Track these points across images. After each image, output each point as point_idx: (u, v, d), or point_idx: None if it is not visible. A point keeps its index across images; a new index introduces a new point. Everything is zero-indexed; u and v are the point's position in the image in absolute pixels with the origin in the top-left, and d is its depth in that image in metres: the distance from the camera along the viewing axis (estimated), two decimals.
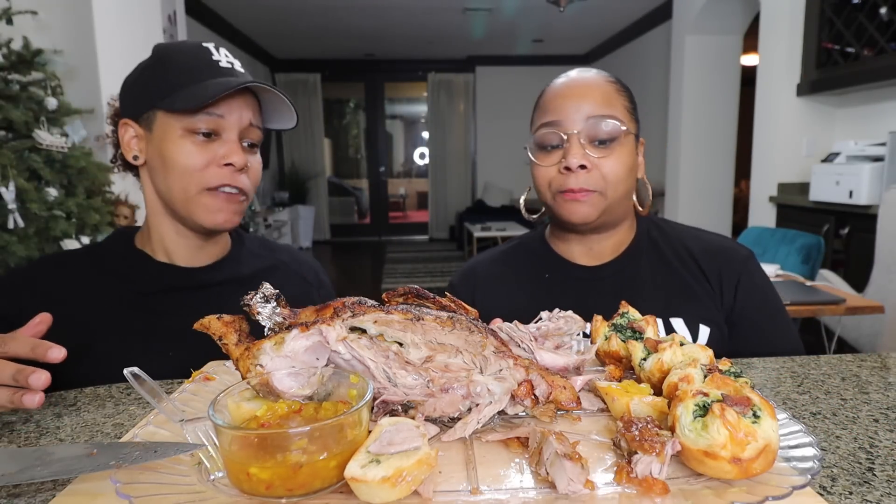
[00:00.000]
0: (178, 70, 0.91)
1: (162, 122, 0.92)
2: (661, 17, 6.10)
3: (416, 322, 0.56)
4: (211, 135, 0.92)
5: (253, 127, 0.96)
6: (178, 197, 0.93)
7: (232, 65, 0.96)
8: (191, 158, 0.91)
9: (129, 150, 0.97)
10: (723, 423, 0.44)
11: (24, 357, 0.69)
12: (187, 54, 0.93)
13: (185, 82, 0.90)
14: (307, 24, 6.89)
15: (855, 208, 3.08)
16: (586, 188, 0.93)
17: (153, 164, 0.95)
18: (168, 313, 0.96)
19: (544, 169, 0.97)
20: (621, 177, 0.94)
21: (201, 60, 0.93)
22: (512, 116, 9.03)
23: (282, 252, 1.17)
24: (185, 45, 0.96)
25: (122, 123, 0.96)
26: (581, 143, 0.93)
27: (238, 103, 0.93)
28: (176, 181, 0.93)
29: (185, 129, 0.91)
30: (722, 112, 5.24)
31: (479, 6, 6.24)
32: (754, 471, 0.44)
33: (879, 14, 3.09)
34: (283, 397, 0.54)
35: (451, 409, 0.57)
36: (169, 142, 0.91)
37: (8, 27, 2.21)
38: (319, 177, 9.24)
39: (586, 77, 0.98)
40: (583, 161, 0.92)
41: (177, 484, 0.47)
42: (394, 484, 0.43)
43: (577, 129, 0.93)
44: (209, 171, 0.92)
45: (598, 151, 0.93)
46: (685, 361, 0.59)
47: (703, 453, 0.44)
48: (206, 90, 0.88)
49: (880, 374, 0.76)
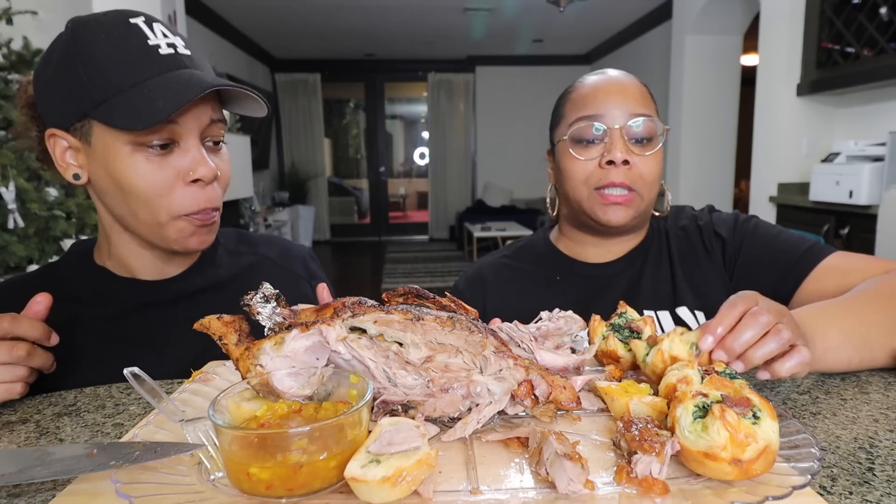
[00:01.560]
0: (109, 66, 0.73)
1: (102, 135, 0.75)
2: (661, 17, 6.10)
3: (416, 322, 0.56)
4: (167, 145, 0.77)
5: (216, 123, 0.81)
6: (143, 223, 0.80)
7: (174, 48, 0.77)
8: (150, 180, 0.76)
9: (66, 167, 0.80)
10: (723, 424, 0.44)
11: (32, 339, 0.71)
12: (115, 40, 0.74)
13: (122, 83, 0.73)
14: (307, 24, 6.89)
15: (855, 208, 3.07)
16: (626, 183, 0.92)
17: (103, 186, 0.79)
18: (141, 334, 0.86)
19: (582, 163, 0.95)
20: (655, 178, 0.95)
21: (135, 49, 0.74)
22: (512, 116, 9.03)
23: (264, 245, 1.03)
24: (110, 26, 0.75)
25: (48, 134, 0.79)
26: (624, 138, 0.93)
27: (194, 103, 0.77)
28: (140, 208, 0.78)
29: (133, 142, 0.75)
30: (722, 112, 5.23)
31: (479, 6, 6.24)
32: (754, 472, 0.44)
33: (879, 14, 3.09)
34: (283, 397, 0.54)
35: (451, 409, 0.57)
36: (117, 160, 0.75)
37: (8, 27, 2.21)
38: (319, 177, 9.24)
39: (623, 76, 0.99)
40: (627, 156, 0.92)
41: (177, 484, 0.47)
42: (394, 484, 0.43)
43: (618, 124, 0.93)
44: (177, 193, 0.78)
45: (638, 149, 0.93)
46: (685, 346, 0.59)
47: (702, 454, 0.44)
48: (152, 102, 0.71)
49: (880, 375, 0.76)
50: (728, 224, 1.02)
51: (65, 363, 0.78)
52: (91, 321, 0.85)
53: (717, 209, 1.08)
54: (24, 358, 0.71)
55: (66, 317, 0.80)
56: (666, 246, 1.03)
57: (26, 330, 0.72)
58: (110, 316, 0.86)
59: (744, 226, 1.01)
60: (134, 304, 0.87)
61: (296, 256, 1.05)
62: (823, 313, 0.74)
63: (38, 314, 0.74)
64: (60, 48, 0.76)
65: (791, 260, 0.93)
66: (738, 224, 1.01)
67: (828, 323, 0.73)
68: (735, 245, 0.99)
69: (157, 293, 0.89)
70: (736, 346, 0.58)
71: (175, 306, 0.89)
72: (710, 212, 1.07)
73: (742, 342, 0.58)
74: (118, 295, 0.87)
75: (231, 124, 5.41)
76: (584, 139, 0.95)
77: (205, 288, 0.92)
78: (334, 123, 10.23)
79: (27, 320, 0.72)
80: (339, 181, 10.24)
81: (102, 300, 0.87)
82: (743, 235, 0.99)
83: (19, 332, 0.71)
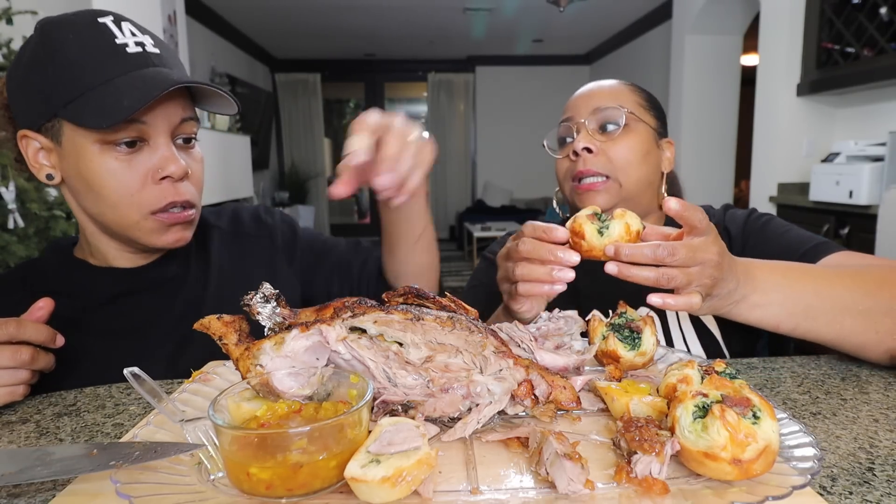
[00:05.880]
0: (76, 65, 0.74)
1: (71, 135, 0.76)
2: (661, 17, 6.10)
3: (416, 322, 0.56)
4: (136, 143, 0.77)
5: (187, 121, 0.81)
6: (117, 223, 0.81)
7: (143, 46, 0.78)
8: (119, 179, 0.77)
9: (39, 168, 0.80)
10: (723, 424, 0.44)
11: (37, 343, 0.72)
12: (84, 40, 0.75)
13: (90, 82, 0.74)
14: (307, 24, 6.89)
15: (855, 208, 3.07)
16: (593, 170, 0.98)
17: (75, 186, 0.80)
18: (119, 323, 0.87)
19: (560, 160, 1.05)
20: (630, 161, 0.98)
21: (104, 48, 0.75)
22: (512, 116, 9.03)
23: (214, 217, 1.02)
24: (78, 25, 0.76)
25: (20, 136, 0.79)
26: (588, 131, 1.00)
27: (162, 101, 0.77)
28: (110, 208, 0.79)
29: (101, 140, 0.75)
30: (722, 112, 5.23)
31: (479, 6, 6.24)
32: (754, 472, 0.44)
33: (879, 14, 3.09)
34: (283, 397, 0.54)
35: (451, 409, 0.57)
36: (86, 160, 0.76)
37: (8, 27, 2.21)
38: (319, 177, 9.24)
39: (602, 81, 1.07)
40: (587, 144, 0.98)
41: (177, 484, 0.47)
42: (394, 484, 0.43)
43: (583, 118, 1.01)
44: (147, 191, 0.78)
45: (604, 137, 1.00)
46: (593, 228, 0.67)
47: (703, 454, 0.44)
48: (118, 100, 0.72)
49: (880, 374, 0.76)
50: (739, 221, 1.03)
51: None
52: (70, 312, 0.83)
53: (734, 207, 1.09)
54: (28, 362, 0.71)
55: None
56: None
57: (31, 334, 0.72)
58: (88, 307, 0.86)
59: (754, 223, 1.01)
60: (115, 291, 0.88)
61: (245, 219, 1.04)
62: (776, 272, 0.75)
63: (41, 319, 0.74)
64: (30, 49, 0.77)
65: (793, 257, 0.93)
66: (749, 221, 1.02)
67: (774, 282, 0.74)
68: (741, 241, 1.00)
69: (137, 281, 0.89)
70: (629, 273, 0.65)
71: (149, 294, 0.90)
72: (724, 210, 1.08)
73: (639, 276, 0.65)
74: (95, 284, 0.88)
75: (231, 125, 5.40)
76: (562, 138, 1.06)
77: (177, 275, 0.92)
78: (334, 123, 10.23)
79: (31, 324, 0.72)
80: None
81: (80, 291, 0.87)
82: (751, 231, 1.00)
83: (24, 337, 0.71)
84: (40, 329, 0.73)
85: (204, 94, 0.84)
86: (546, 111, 8.74)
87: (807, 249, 0.92)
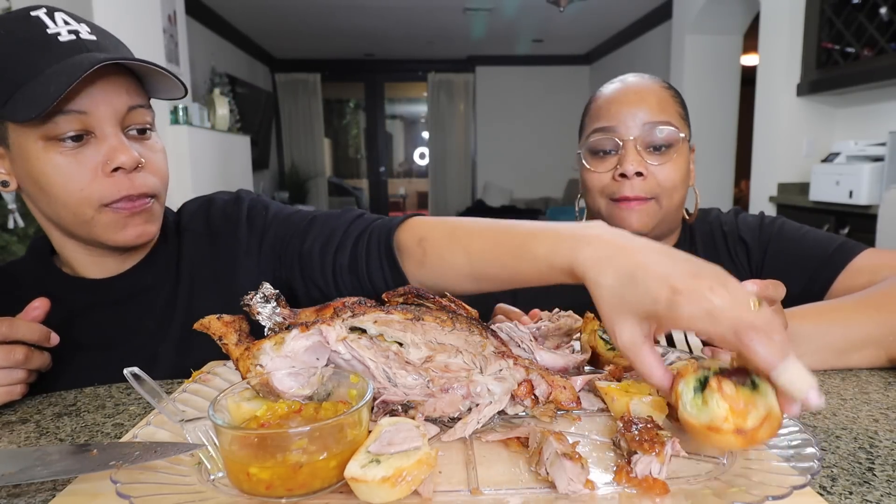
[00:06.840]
0: (10, 62, 0.71)
1: (16, 136, 0.73)
2: (661, 17, 6.10)
3: (416, 322, 0.56)
4: (82, 136, 0.73)
5: (136, 109, 0.77)
6: (73, 222, 0.77)
7: (76, 34, 0.74)
8: (66, 175, 0.73)
9: None
10: (721, 396, 0.44)
11: (31, 342, 0.72)
12: (15, 35, 0.73)
13: (23, 76, 0.70)
14: (307, 24, 6.89)
15: (855, 208, 3.07)
16: (642, 195, 0.92)
17: (28, 188, 0.77)
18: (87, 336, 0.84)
19: (597, 175, 0.96)
20: (677, 184, 0.94)
21: (34, 41, 0.72)
22: (512, 116, 9.02)
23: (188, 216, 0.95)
24: (9, 23, 0.74)
25: None
26: (637, 149, 0.92)
27: (103, 89, 0.73)
28: (62, 206, 0.75)
29: (44, 137, 0.72)
30: (722, 112, 5.23)
31: (479, 6, 6.24)
32: (760, 438, 0.44)
33: (879, 14, 3.09)
34: (283, 397, 0.54)
35: (451, 409, 0.57)
36: (32, 159, 0.73)
37: None
38: (319, 177, 9.24)
39: (641, 82, 0.97)
40: (640, 168, 0.91)
41: (177, 484, 0.47)
42: (394, 484, 0.43)
43: (632, 135, 0.92)
44: (97, 184, 0.74)
45: (655, 158, 0.93)
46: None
47: (706, 428, 0.44)
48: (45, 89, 0.68)
49: (880, 375, 0.76)
50: (753, 228, 1.01)
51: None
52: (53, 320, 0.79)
53: (744, 212, 1.07)
54: (22, 361, 0.71)
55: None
56: (693, 252, 1.03)
57: (24, 333, 0.71)
58: (61, 319, 0.80)
59: (769, 228, 1.00)
60: (81, 305, 0.84)
61: (216, 217, 0.96)
62: (806, 319, 0.76)
63: (37, 319, 0.74)
64: None
65: (821, 260, 0.92)
66: (762, 227, 1.00)
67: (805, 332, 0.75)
68: (761, 249, 0.98)
69: (103, 293, 0.85)
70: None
71: (121, 305, 0.86)
72: (735, 215, 1.05)
73: None
74: (67, 296, 0.84)
75: (231, 124, 5.40)
76: (599, 150, 0.95)
77: (150, 286, 0.87)
78: (334, 123, 10.23)
79: (24, 323, 0.72)
80: (339, 181, 10.24)
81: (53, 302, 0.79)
82: (769, 238, 0.98)
83: (17, 336, 0.71)
84: (33, 328, 0.72)
85: (156, 81, 0.79)
86: (546, 111, 8.74)
87: (833, 251, 0.92)
